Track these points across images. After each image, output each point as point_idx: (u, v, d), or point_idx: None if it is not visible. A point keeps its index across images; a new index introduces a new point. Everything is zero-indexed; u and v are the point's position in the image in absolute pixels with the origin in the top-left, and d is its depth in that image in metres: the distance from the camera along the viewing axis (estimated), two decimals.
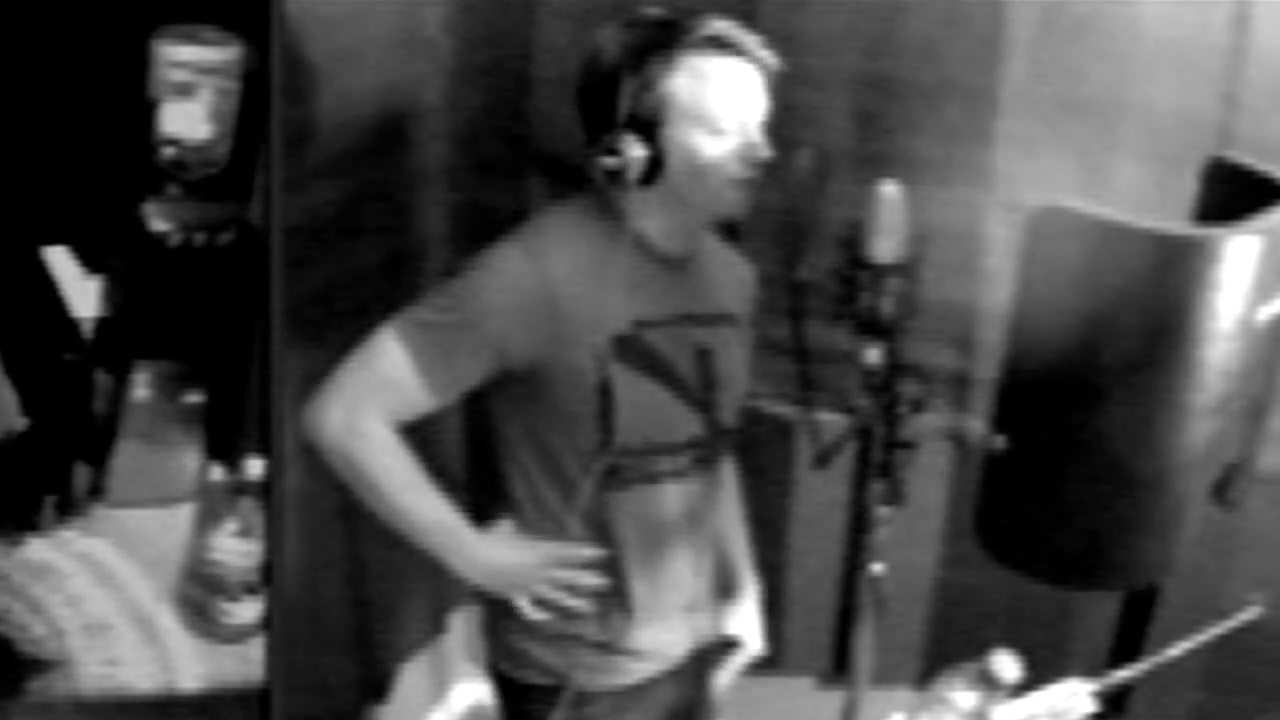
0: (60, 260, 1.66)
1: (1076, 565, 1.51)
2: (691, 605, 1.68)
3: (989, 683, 1.35)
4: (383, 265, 1.96)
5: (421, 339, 1.48)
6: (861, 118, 2.05)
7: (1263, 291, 1.40)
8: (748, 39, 1.49)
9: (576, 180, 1.56)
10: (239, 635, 1.53)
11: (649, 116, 1.47)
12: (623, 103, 1.46)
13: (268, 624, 1.51)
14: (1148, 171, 1.93)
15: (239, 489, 1.50)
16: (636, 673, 1.65)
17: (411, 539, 1.53)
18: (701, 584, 1.69)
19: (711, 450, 1.63)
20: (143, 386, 1.61)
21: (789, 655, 2.31)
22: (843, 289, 1.33)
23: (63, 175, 1.58)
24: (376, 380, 1.48)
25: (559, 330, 1.48)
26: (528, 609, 1.57)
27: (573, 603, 1.56)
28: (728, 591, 1.79)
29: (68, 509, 1.60)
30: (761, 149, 1.48)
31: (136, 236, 1.55)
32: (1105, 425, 1.41)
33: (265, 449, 1.49)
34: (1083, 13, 1.92)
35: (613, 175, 1.47)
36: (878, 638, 1.39)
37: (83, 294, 1.64)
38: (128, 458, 1.63)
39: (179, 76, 1.55)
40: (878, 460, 1.33)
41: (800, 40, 1.96)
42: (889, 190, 1.31)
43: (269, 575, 1.50)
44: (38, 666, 1.43)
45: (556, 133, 2.10)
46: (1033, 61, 1.95)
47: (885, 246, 1.31)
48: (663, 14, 1.51)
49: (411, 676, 2.26)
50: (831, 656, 2.38)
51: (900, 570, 1.40)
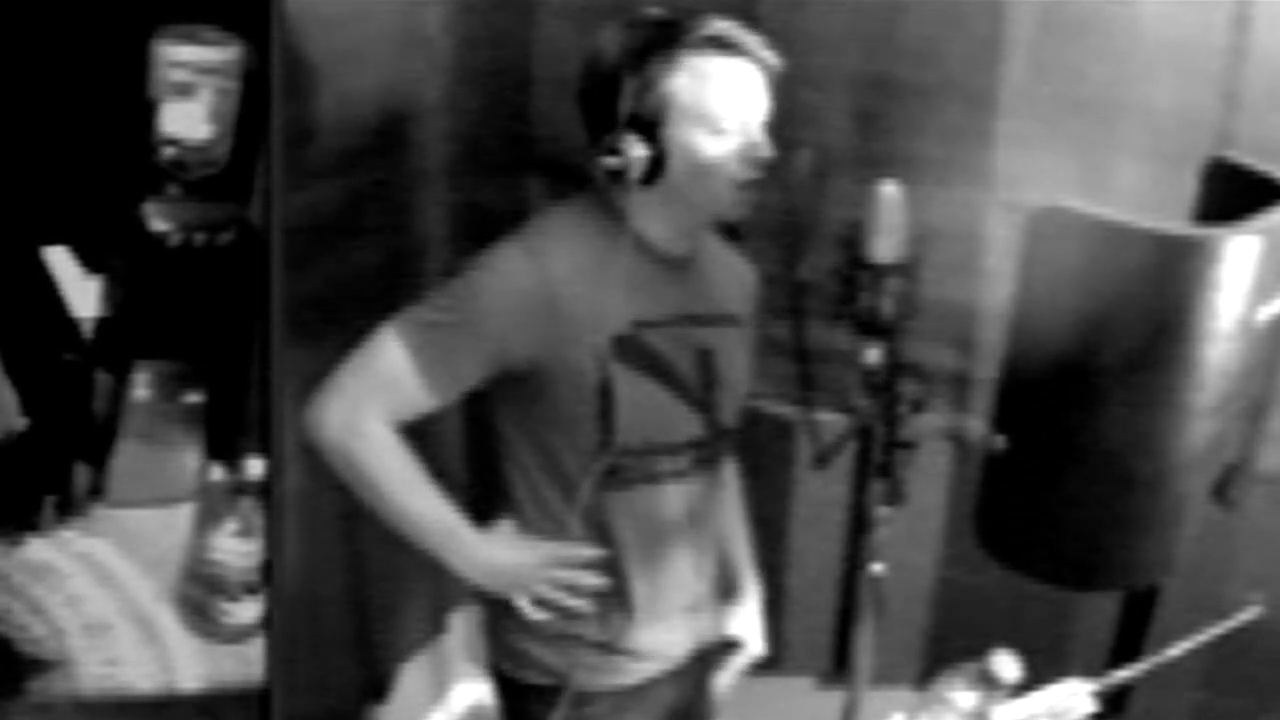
0: (60, 260, 1.66)
1: (1076, 565, 1.50)
2: (692, 606, 1.68)
3: (989, 683, 1.35)
4: (383, 265, 1.96)
5: (422, 339, 1.48)
6: (861, 118, 2.05)
7: (1263, 291, 1.40)
8: (749, 38, 1.49)
9: (577, 180, 1.56)
10: (239, 635, 1.53)
11: (650, 116, 1.47)
12: (624, 103, 1.46)
13: (268, 624, 1.51)
14: (1148, 171, 1.93)
15: (239, 489, 1.50)
16: (637, 673, 1.65)
17: (412, 539, 1.53)
18: (703, 585, 1.69)
19: (712, 451, 1.63)
20: (143, 386, 1.61)
21: (789, 655, 2.31)
22: (843, 289, 1.33)
23: (63, 175, 1.58)
24: (377, 380, 1.48)
25: (559, 330, 1.48)
26: (528, 609, 1.57)
27: (573, 603, 1.56)
28: (729, 592, 1.79)
29: (68, 509, 1.60)
30: (763, 148, 1.48)
31: (136, 236, 1.55)
32: (1105, 425, 1.41)
33: (265, 449, 1.49)
34: (1083, 13, 1.92)
35: (614, 175, 1.47)
36: (878, 638, 1.39)
37: (83, 294, 1.64)
38: (128, 458, 1.63)
39: (179, 76, 1.55)
40: (878, 460, 1.33)
41: (800, 40, 1.95)
42: (889, 190, 1.31)
43: (269, 575, 1.50)
44: (38, 666, 1.43)
45: (556, 133, 2.11)
46: (1033, 61, 1.95)
47: (885, 246, 1.31)
48: (663, 14, 1.50)
49: (411, 676, 2.25)
50: (831, 656, 2.38)
51: (900, 570, 1.40)
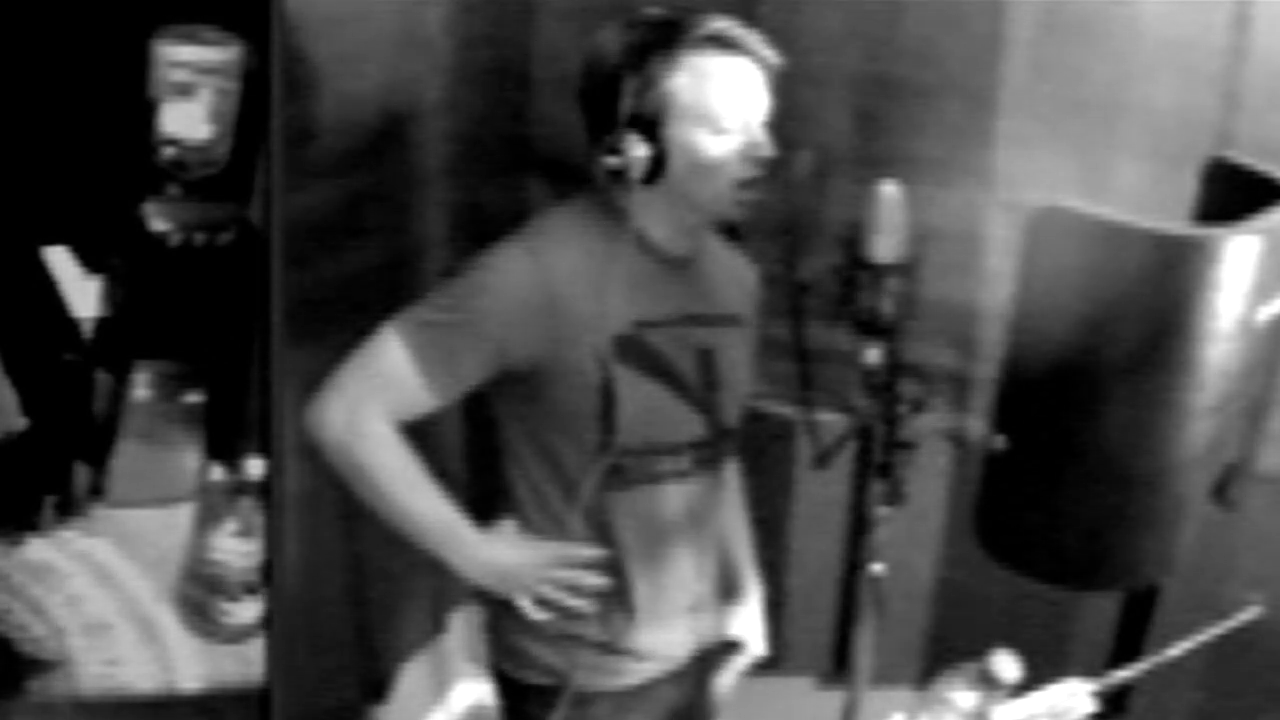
0: (60, 260, 1.66)
1: (1076, 565, 1.50)
2: (694, 606, 1.68)
3: (989, 683, 1.35)
4: (383, 265, 1.95)
5: (423, 338, 1.48)
6: (861, 117, 2.05)
7: (1263, 291, 1.40)
8: (749, 37, 1.49)
9: (577, 180, 1.56)
10: (239, 635, 1.53)
11: (651, 116, 1.47)
12: (624, 102, 1.46)
13: (268, 624, 1.51)
14: (1148, 171, 1.93)
15: (239, 489, 1.50)
16: (638, 673, 1.65)
17: (413, 539, 1.53)
18: (704, 585, 1.69)
19: (714, 451, 1.63)
20: (143, 386, 1.61)
21: (789, 655, 2.31)
22: (843, 289, 1.33)
23: (63, 175, 1.58)
24: (378, 380, 1.48)
25: (560, 330, 1.48)
26: (529, 609, 1.57)
27: (574, 603, 1.56)
28: (730, 592, 1.79)
29: (68, 509, 1.60)
30: (764, 147, 1.48)
31: (136, 236, 1.55)
32: (1105, 425, 1.40)
33: (265, 449, 1.49)
34: (1083, 12, 1.92)
35: (615, 175, 1.47)
36: (878, 638, 1.39)
37: (83, 294, 1.63)
38: (128, 458, 1.63)
39: (179, 76, 1.55)
40: (878, 460, 1.33)
41: (800, 39, 1.95)
42: (889, 190, 1.31)
43: (269, 575, 1.49)
44: (38, 666, 1.43)
45: (557, 133, 2.10)
46: (1033, 61, 1.95)
47: (885, 246, 1.31)
48: (663, 13, 1.50)
49: (411, 676, 2.25)
50: (831, 656, 2.38)
51: (900, 570, 1.40)
